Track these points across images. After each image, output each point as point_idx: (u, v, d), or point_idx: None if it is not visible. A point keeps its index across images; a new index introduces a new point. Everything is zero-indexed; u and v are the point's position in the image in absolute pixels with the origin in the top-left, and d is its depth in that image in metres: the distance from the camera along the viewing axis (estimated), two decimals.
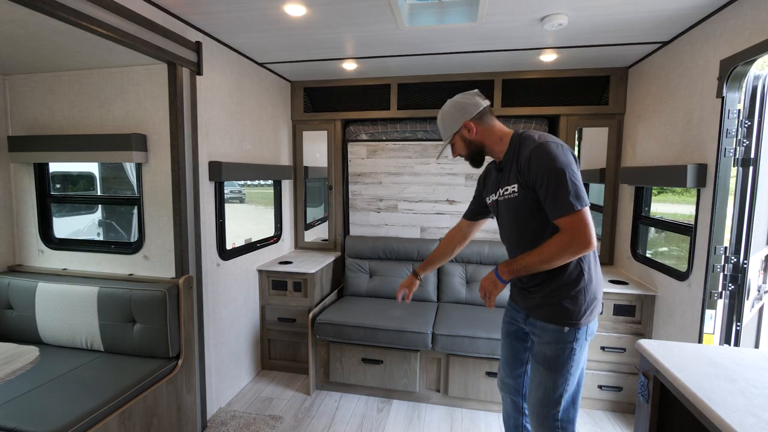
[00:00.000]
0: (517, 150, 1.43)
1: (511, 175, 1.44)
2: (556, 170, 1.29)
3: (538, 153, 1.33)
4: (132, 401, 1.78)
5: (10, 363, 1.33)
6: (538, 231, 1.41)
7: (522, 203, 1.42)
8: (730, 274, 1.84)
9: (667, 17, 1.97)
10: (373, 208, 3.41)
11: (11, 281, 2.25)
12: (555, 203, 1.30)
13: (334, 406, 2.56)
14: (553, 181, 1.30)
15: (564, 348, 1.41)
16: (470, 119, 1.49)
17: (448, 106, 1.55)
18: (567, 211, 1.28)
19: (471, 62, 2.73)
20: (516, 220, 1.48)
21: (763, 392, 1.05)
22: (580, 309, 1.39)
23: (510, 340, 1.68)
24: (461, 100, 1.52)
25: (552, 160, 1.30)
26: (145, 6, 1.83)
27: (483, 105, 1.50)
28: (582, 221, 1.28)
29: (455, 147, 1.58)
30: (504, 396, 1.75)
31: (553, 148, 1.32)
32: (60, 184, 2.78)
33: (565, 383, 1.42)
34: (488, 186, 1.64)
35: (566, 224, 1.30)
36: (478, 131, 1.50)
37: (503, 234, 1.60)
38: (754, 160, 1.80)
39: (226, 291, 2.53)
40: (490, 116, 1.52)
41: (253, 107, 2.79)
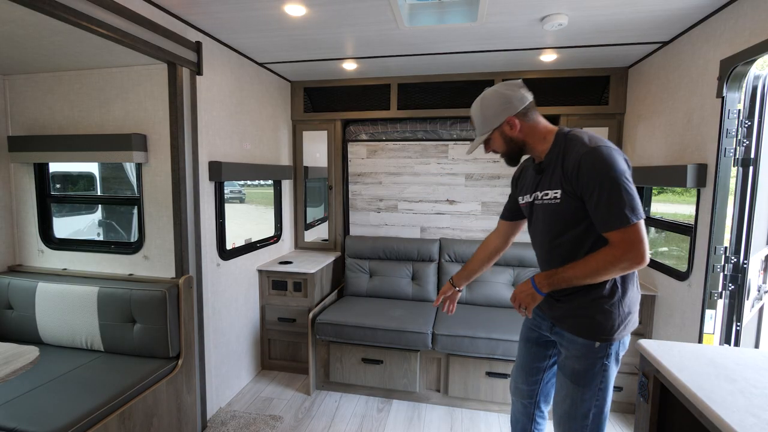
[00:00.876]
0: (562, 152, 1.30)
1: (554, 179, 1.32)
2: (610, 179, 1.18)
3: (590, 159, 1.21)
4: (132, 401, 1.78)
5: (10, 363, 1.33)
6: (576, 241, 1.32)
7: (564, 211, 1.30)
8: (730, 274, 1.84)
9: (667, 17, 1.97)
10: (373, 208, 3.41)
11: (11, 281, 2.25)
12: (607, 215, 1.19)
13: (334, 406, 2.56)
14: (606, 191, 1.18)
15: (594, 363, 1.32)
16: (514, 115, 1.34)
17: (490, 97, 1.37)
18: (620, 225, 1.17)
19: (471, 62, 2.73)
20: (553, 227, 1.36)
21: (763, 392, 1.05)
22: (613, 324, 1.30)
23: (529, 346, 1.59)
24: (506, 92, 1.35)
25: (606, 168, 1.18)
26: (145, 6, 1.83)
27: (529, 99, 1.35)
28: (637, 235, 1.17)
29: (492, 143, 1.42)
30: (515, 400, 1.68)
31: (607, 153, 1.20)
32: (60, 184, 2.78)
33: (593, 398, 1.34)
34: (523, 186, 1.51)
35: (618, 238, 1.19)
36: (522, 128, 1.35)
37: (535, 240, 1.49)
38: (754, 160, 1.80)
39: (226, 291, 2.53)
40: (535, 112, 1.37)
41: (253, 107, 2.79)
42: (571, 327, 1.37)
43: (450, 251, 3.09)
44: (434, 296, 3.05)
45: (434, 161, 3.25)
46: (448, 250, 3.09)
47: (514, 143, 1.39)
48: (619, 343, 1.34)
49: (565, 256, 1.35)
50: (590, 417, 1.35)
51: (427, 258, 3.12)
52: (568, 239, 1.33)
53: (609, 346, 1.32)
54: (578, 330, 1.35)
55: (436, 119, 3.13)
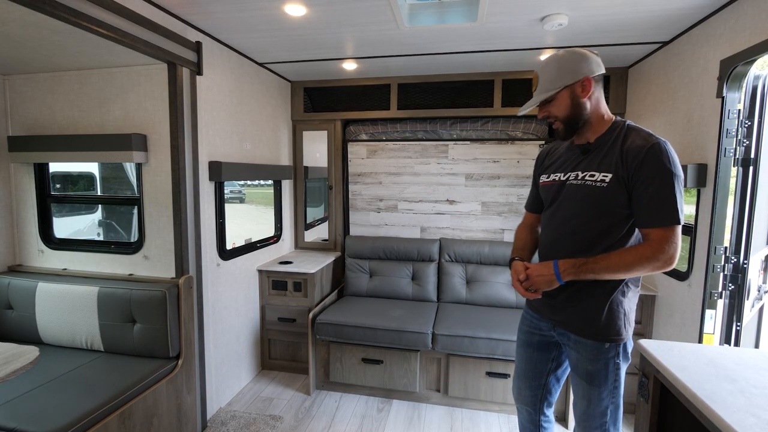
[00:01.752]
0: (621, 138, 1.26)
1: (605, 162, 1.26)
2: (673, 176, 1.18)
3: (658, 151, 1.19)
4: (132, 401, 1.78)
5: (10, 363, 1.33)
6: (603, 231, 1.28)
7: (608, 196, 1.25)
8: (730, 274, 1.84)
9: (667, 17, 1.97)
10: (373, 208, 3.41)
11: (11, 281, 2.25)
12: (659, 210, 1.18)
13: (334, 406, 2.56)
14: (666, 187, 1.18)
15: (607, 363, 1.33)
16: (592, 76, 1.27)
17: (567, 54, 1.29)
18: (667, 223, 1.18)
19: (471, 62, 2.73)
20: (587, 210, 1.29)
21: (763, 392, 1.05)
22: (620, 324, 1.31)
23: (530, 351, 1.55)
24: (588, 53, 1.28)
25: (672, 165, 1.19)
26: (145, 6, 1.83)
27: (603, 70, 1.30)
28: (677, 237, 1.19)
29: (555, 103, 1.31)
30: (520, 407, 1.64)
31: (672, 152, 1.21)
32: (60, 184, 2.78)
33: (609, 396, 1.35)
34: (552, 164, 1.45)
35: (658, 236, 1.19)
36: (593, 95, 1.29)
37: (551, 221, 1.41)
38: (754, 160, 1.80)
39: (226, 291, 2.53)
40: (602, 88, 1.33)
41: (253, 107, 2.79)
42: (578, 330, 1.36)
43: (450, 251, 3.09)
44: (434, 296, 3.05)
45: (434, 161, 3.25)
46: (448, 250, 3.09)
47: (579, 109, 1.29)
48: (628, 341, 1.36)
49: (578, 244, 1.31)
50: (608, 414, 1.36)
51: (427, 258, 3.12)
52: (595, 228, 1.29)
53: (618, 345, 1.33)
54: (586, 332, 1.34)
55: (436, 119, 3.13)
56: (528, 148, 3.09)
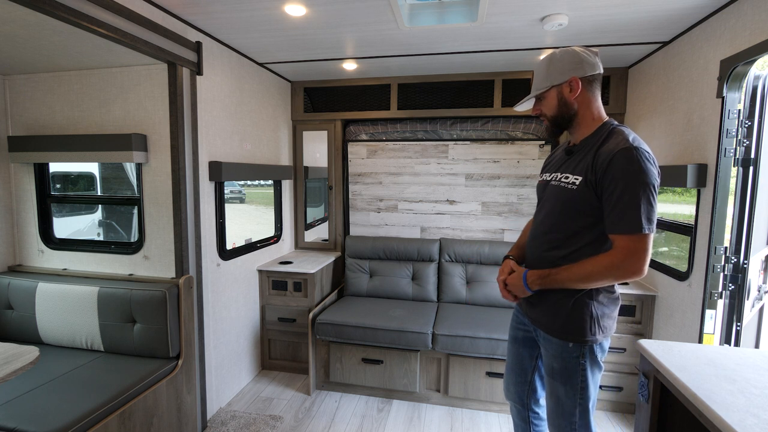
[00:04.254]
0: (601, 141, 1.25)
1: (580, 165, 1.27)
2: (640, 183, 1.14)
3: (627, 157, 1.16)
4: (132, 401, 1.78)
5: (10, 363, 1.33)
6: (574, 233, 1.30)
7: (577, 200, 1.26)
8: (731, 274, 1.84)
9: (667, 17, 1.97)
10: (373, 208, 3.41)
11: (11, 281, 2.25)
12: (622, 217, 1.16)
13: (334, 406, 2.56)
14: (631, 192, 1.14)
15: (570, 362, 1.33)
16: (581, 77, 1.27)
17: (562, 53, 1.31)
18: (633, 230, 1.15)
19: (471, 62, 2.73)
20: (560, 212, 1.32)
21: (763, 392, 1.05)
22: (585, 326, 1.30)
23: (517, 347, 1.59)
24: (581, 53, 1.29)
25: (639, 170, 1.14)
26: (145, 6, 1.83)
27: (600, 70, 1.29)
28: (643, 245, 1.15)
29: (544, 102, 1.35)
30: (511, 405, 1.68)
31: (645, 157, 1.16)
32: (60, 184, 2.79)
33: (575, 396, 1.34)
34: (548, 164, 1.48)
35: (624, 243, 1.17)
36: (580, 96, 1.29)
37: (536, 220, 1.46)
38: (755, 160, 1.80)
39: (227, 291, 2.53)
40: (598, 89, 1.31)
41: (253, 107, 2.79)
42: (545, 326, 1.38)
43: (450, 251, 3.09)
44: (434, 296, 3.05)
45: (434, 161, 3.25)
46: (449, 250, 3.09)
47: (567, 109, 1.31)
48: (597, 345, 1.32)
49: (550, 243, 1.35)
50: (576, 415, 1.36)
51: (428, 258, 3.12)
52: (567, 229, 1.31)
53: (583, 346, 1.31)
54: (552, 330, 1.36)
55: (436, 119, 3.13)
56: (528, 148, 3.09)
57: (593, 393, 1.36)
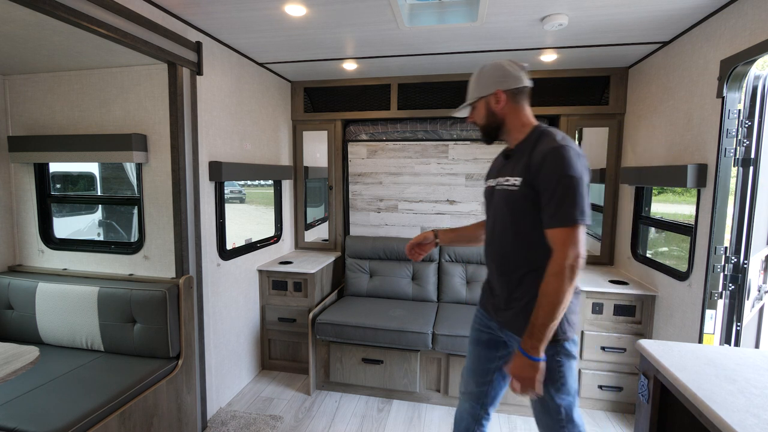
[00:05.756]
0: (533, 144, 1.33)
1: (517, 167, 1.35)
2: (569, 178, 1.21)
3: (556, 155, 1.23)
4: (132, 401, 1.78)
5: (10, 363, 1.33)
6: (523, 232, 1.36)
7: (519, 200, 1.33)
8: (731, 274, 1.84)
9: (667, 17, 1.97)
10: (373, 208, 3.41)
11: (11, 281, 2.25)
12: (557, 211, 1.22)
13: (334, 406, 2.56)
14: (563, 188, 1.21)
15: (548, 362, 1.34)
16: (504, 90, 1.37)
17: (489, 66, 1.40)
18: (567, 223, 1.21)
19: (471, 62, 2.73)
20: (507, 214, 1.39)
21: (763, 392, 1.05)
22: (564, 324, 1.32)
23: (479, 349, 1.60)
24: (506, 67, 1.39)
25: (568, 167, 1.21)
26: (146, 6, 1.83)
27: (524, 83, 1.38)
28: (577, 236, 1.21)
29: (475, 112, 1.46)
30: (463, 401, 1.68)
31: (572, 154, 1.23)
32: (60, 184, 2.79)
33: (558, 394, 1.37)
34: (490, 171, 1.57)
35: (560, 236, 1.22)
36: (506, 106, 1.38)
37: (488, 223, 1.52)
38: (755, 160, 1.80)
39: (227, 291, 2.53)
40: (525, 99, 1.40)
41: (253, 107, 2.79)
42: (519, 331, 1.37)
43: (450, 251, 3.09)
44: (434, 296, 3.05)
45: (434, 161, 3.25)
46: (448, 250, 3.09)
47: (494, 118, 1.41)
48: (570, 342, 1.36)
49: (504, 246, 1.40)
50: (562, 413, 1.38)
51: (427, 258, 3.12)
52: (517, 229, 1.36)
53: (558, 345, 1.33)
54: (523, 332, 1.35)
55: (436, 119, 3.13)
56: None
57: (573, 385, 1.39)
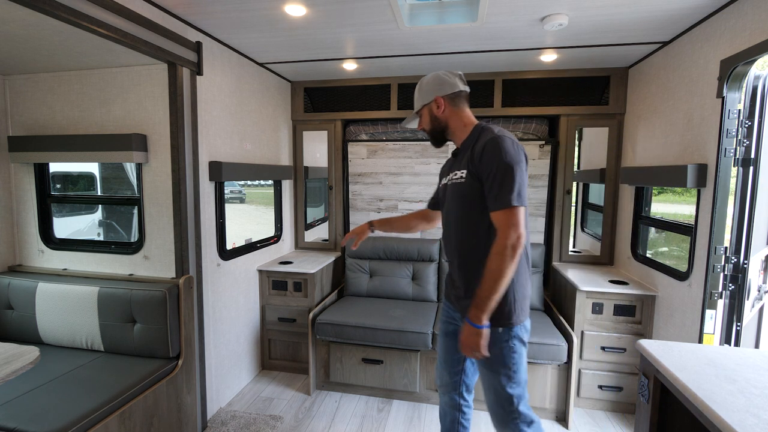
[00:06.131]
0: (475, 139, 1.46)
1: (463, 161, 1.47)
2: (506, 164, 1.32)
3: (492, 145, 1.35)
4: (132, 401, 1.78)
5: (10, 363, 1.33)
6: (475, 221, 1.44)
7: (467, 190, 1.44)
8: (731, 274, 1.84)
9: (667, 17, 1.97)
10: (373, 208, 3.41)
11: (11, 281, 2.25)
12: (497, 196, 1.33)
13: (334, 406, 2.56)
14: (500, 175, 1.32)
15: (502, 348, 1.42)
16: (442, 96, 1.51)
17: (427, 77, 1.56)
18: (506, 205, 1.31)
19: (471, 62, 2.73)
20: (458, 206, 1.50)
21: (764, 392, 1.05)
22: (510, 309, 1.41)
23: (447, 340, 1.69)
24: (441, 76, 1.54)
25: (504, 154, 1.33)
26: (145, 6, 1.83)
27: (459, 88, 1.52)
28: (515, 217, 1.31)
29: (422, 119, 1.60)
30: (441, 394, 1.76)
31: (508, 143, 1.35)
32: (60, 184, 2.79)
33: (509, 382, 1.42)
34: (443, 170, 1.69)
35: (501, 218, 1.32)
36: (446, 110, 1.52)
37: (444, 218, 1.62)
38: (755, 160, 1.80)
39: (227, 291, 2.53)
40: (464, 102, 1.54)
41: (253, 107, 2.79)
42: None
43: None
44: (434, 296, 3.05)
45: (434, 161, 3.25)
46: None
47: (438, 123, 1.55)
48: (522, 326, 1.44)
49: (460, 235, 1.49)
50: (514, 402, 1.43)
51: (427, 258, 3.12)
52: (469, 219, 1.45)
53: (511, 329, 1.42)
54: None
55: None
56: (528, 148, 3.09)
57: (524, 376, 1.46)
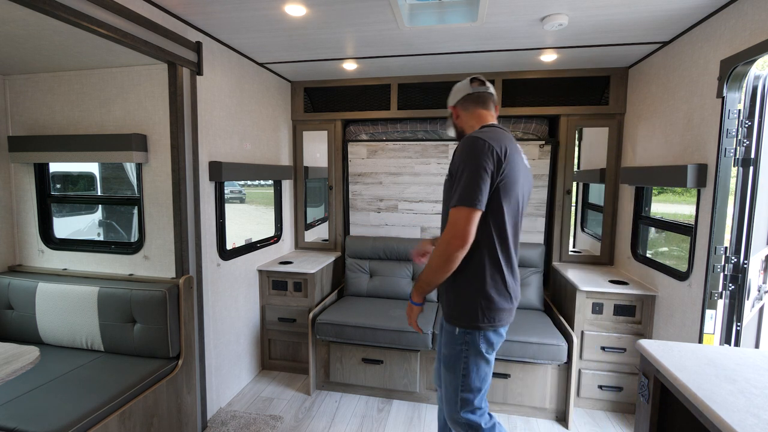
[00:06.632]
0: None
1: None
2: (464, 164, 1.32)
3: (462, 144, 1.37)
4: (132, 401, 1.78)
5: (10, 363, 1.33)
6: None
7: (446, 188, 1.47)
8: (731, 274, 1.84)
9: (667, 17, 1.97)
10: (373, 208, 3.41)
11: (11, 281, 2.25)
12: (454, 193, 1.33)
13: (334, 406, 2.56)
14: (458, 173, 1.34)
15: (455, 348, 1.42)
16: (453, 105, 1.58)
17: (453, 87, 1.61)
18: (455, 203, 1.31)
19: (471, 62, 2.73)
20: (444, 203, 1.53)
21: (763, 392, 1.05)
22: (472, 313, 1.38)
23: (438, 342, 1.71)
24: (457, 85, 1.59)
25: (466, 154, 1.33)
26: (146, 6, 1.83)
27: (466, 91, 1.54)
28: (458, 216, 1.30)
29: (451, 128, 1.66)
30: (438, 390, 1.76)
31: (473, 144, 1.33)
32: (60, 184, 2.79)
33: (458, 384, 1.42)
34: None
35: (451, 217, 1.32)
36: (460, 117, 1.57)
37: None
38: (755, 160, 1.80)
39: (227, 291, 2.53)
40: (477, 104, 1.53)
41: (253, 107, 2.79)
42: (444, 313, 1.49)
43: None
44: (434, 296, 3.05)
45: (434, 161, 3.25)
46: None
47: (456, 129, 1.61)
48: (481, 335, 1.40)
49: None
50: (459, 403, 1.43)
51: None
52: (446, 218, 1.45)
53: (467, 333, 1.40)
54: (446, 316, 1.46)
55: (436, 119, 3.13)
56: (528, 148, 3.09)
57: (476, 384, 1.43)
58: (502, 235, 1.37)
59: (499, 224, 1.37)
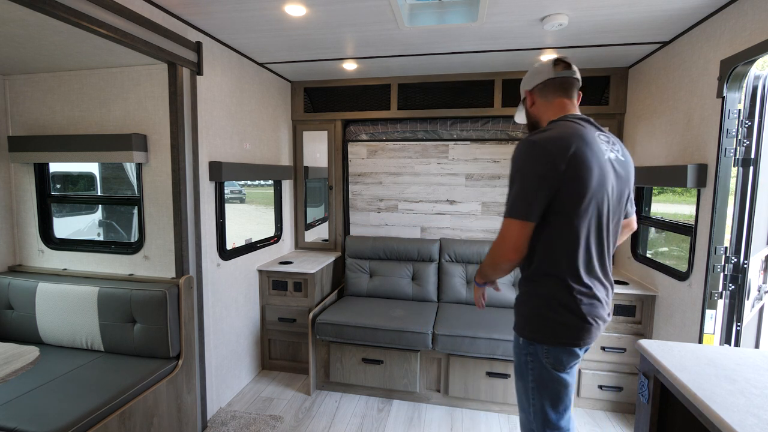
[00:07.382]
0: None
1: None
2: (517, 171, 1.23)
3: (516, 147, 1.25)
4: (132, 401, 1.78)
5: (10, 363, 1.33)
6: None
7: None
8: (731, 274, 1.84)
9: (667, 17, 1.97)
10: (373, 208, 3.41)
11: (11, 281, 2.25)
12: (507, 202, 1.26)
13: (334, 406, 2.56)
14: (511, 180, 1.24)
15: (520, 358, 1.38)
16: (529, 89, 1.38)
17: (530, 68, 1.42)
18: (505, 214, 1.25)
19: (471, 62, 2.73)
20: None
21: (763, 392, 1.05)
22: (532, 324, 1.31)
23: None
24: (534, 66, 1.38)
25: (520, 160, 1.23)
26: (146, 6, 1.83)
27: (548, 76, 1.33)
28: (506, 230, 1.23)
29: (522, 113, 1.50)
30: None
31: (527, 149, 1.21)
32: (60, 184, 2.79)
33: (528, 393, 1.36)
34: None
35: (501, 227, 1.26)
36: (536, 104, 1.38)
37: None
38: (755, 160, 1.80)
39: (227, 291, 2.53)
40: (555, 92, 1.33)
41: (253, 107, 2.79)
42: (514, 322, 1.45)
43: (450, 251, 3.09)
44: (434, 296, 3.05)
45: (434, 161, 3.25)
46: (449, 250, 3.09)
47: (530, 118, 1.43)
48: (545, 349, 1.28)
49: None
50: (531, 413, 1.38)
51: (428, 258, 3.12)
52: None
53: (530, 344, 1.33)
54: (515, 324, 1.43)
55: (436, 119, 3.13)
56: None
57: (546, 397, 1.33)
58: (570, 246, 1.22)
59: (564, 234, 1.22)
